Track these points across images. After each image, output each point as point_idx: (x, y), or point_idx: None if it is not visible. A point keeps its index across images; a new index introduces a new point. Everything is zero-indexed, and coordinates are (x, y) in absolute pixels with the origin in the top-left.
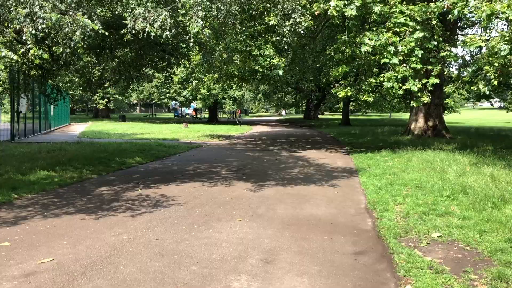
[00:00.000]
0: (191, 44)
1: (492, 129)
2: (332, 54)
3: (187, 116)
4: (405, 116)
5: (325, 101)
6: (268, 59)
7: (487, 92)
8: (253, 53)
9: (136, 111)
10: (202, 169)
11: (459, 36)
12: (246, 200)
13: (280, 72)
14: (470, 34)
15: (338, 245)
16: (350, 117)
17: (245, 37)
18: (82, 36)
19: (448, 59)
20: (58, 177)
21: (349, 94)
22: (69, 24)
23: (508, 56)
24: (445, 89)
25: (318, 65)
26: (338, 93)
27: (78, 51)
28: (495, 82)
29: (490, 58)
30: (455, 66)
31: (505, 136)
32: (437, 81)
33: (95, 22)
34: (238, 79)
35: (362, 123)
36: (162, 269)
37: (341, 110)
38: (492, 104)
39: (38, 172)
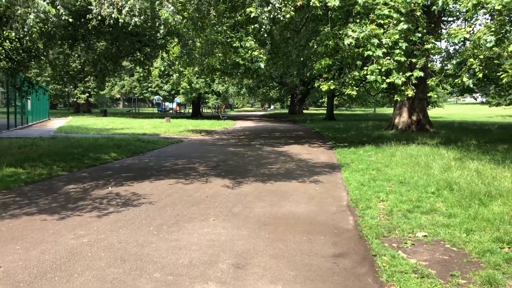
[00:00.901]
0: (161, 31)
1: (475, 124)
2: (315, 46)
3: (171, 111)
4: (389, 110)
5: (310, 95)
6: (249, 51)
7: (471, 85)
8: (234, 45)
9: (119, 106)
10: (179, 165)
11: (442, 30)
12: (222, 198)
13: (262, 65)
14: (455, 27)
15: (317, 247)
16: (335, 112)
17: (225, 28)
18: (37, 20)
19: (432, 51)
20: (25, 174)
21: (332, 87)
22: (22, 5)
23: (493, 48)
24: (428, 82)
25: (302, 59)
26: (321, 87)
27: (33, 35)
28: (480, 75)
29: (475, 51)
30: (439, 60)
31: (488, 131)
32: (421, 74)
33: (58, 7)
34: (220, 73)
35: (347, 117)
36: (122, 277)
37: (325, 105)
38: (475, 99)
39: (4, 169)
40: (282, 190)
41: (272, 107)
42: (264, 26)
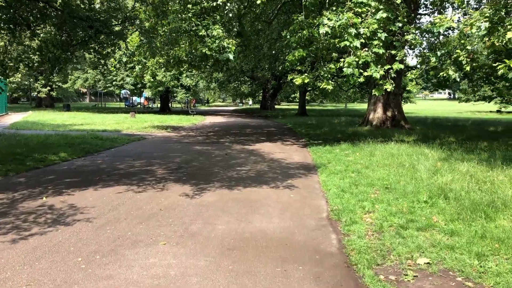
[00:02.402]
0: (97, 5)
1: (448, 120)
2: (288, 36)
3: (139, 106)
4: (360, 106)
5: (282, 90)
6: (216, 41)
7: (458, 79)
8: (200, 33)
9: (86, 100)
10: (135, 168)
11: (416, 23)
12: (179, 212)
13: (231, 56)
14: (439, 15)
15: (295, 283)
16: (306, 107)
17: (190, 15)
18: None
19: (414, 42)
20: None
21: (306, 81)
22: None
23: (485, 38)
24: (408, 75)
25: (274, 52)
26: (294, 80)
27: None
28: (468, 68)
29: (462, 41)
30: (416, 52)
31: (463, 127)
32: (401, 66)
33: None
34: (187, 65)
35: (319, 113)
36: None
37: (297, 100)
38: (450, 94)
39: None
40: (251, 199)
41: (250, 101)
42: (229, 4)
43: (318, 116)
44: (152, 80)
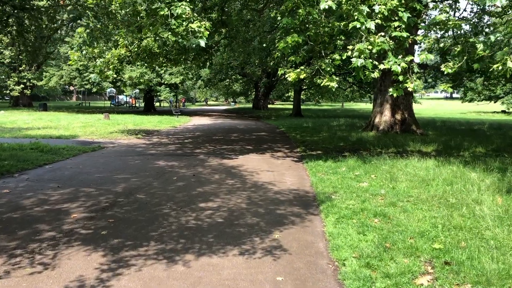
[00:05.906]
0: None
1: (459, 122)
2: (279, 18)
3: (126, 105)
4: (357, 106)
5: (274, 89)
6: (184, 23)
7: None
8: (161, 13)
9: (73, 98)
10: (46, 205)
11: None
12: None
13: (202, 43)
14: None
15: None
16: (302, 107)
17: None
18: None
19: (450, 24)
20: None
21: (302, 76)
22: None
23: None
24: (443, 68)
25: (265, 45)
26: (287, 76)
27: None
28: None
29: None
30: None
31: (482, 132)
32: (431, 57)
33: None
34: (162, 59)
35: (315, 113)
36: None
37: (292, 99)
38: (448, 94)
39: None
40: None
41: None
42: None
43: (314, 118)
44: (115, 76)
